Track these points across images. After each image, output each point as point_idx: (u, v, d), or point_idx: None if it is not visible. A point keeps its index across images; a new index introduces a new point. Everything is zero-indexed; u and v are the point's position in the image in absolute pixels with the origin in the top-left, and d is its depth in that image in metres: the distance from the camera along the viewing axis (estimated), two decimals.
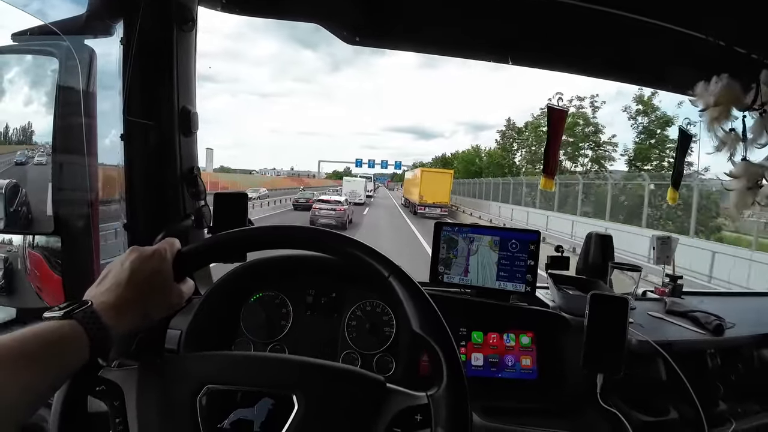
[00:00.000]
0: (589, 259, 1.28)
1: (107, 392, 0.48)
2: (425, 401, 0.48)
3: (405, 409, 0.47)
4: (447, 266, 1.10)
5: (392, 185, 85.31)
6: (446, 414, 0.46)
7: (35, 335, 0.40)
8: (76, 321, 0.43)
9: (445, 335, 0.49)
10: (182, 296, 0.55)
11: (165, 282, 0.52)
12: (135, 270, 0.49)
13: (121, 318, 0.47)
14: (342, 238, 0.55)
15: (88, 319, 0.44)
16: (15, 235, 1.04)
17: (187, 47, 1.04)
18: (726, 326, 1.04)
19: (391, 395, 0.49)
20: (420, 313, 0.51)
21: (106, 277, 0.50)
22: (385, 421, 0.47)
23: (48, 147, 0.93)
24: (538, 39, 1.21)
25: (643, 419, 0.87)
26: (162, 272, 0.51)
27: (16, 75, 1.00)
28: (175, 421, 0.47)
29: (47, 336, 0.41)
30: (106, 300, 0.47)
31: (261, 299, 0.99)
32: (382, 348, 0.95)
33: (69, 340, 0.42)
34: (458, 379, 0.48)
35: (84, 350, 0.43)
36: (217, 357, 0.54)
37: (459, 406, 0.47)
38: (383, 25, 1.18)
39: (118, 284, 0.48)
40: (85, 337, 0.43)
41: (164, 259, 0.52)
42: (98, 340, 0.44)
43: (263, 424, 0.46)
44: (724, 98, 1.10)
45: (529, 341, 1.01)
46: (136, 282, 0.49)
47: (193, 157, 1.09)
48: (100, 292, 0.48)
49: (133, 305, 0.48)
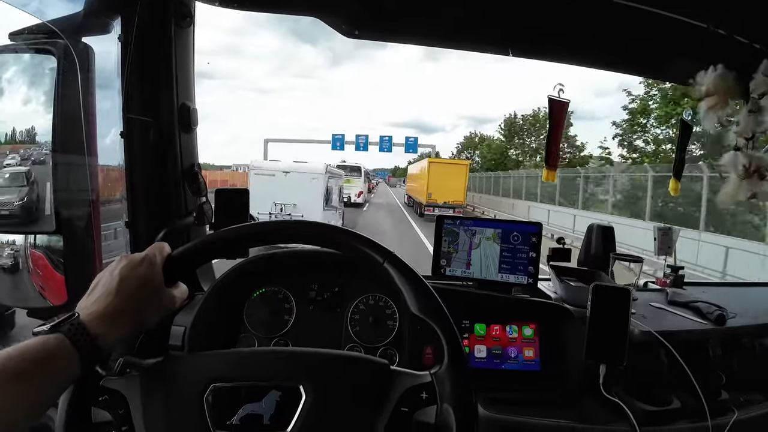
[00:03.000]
0: (591, 250, 1.28)
1: (110, 401, 0.48)
2: (429, 379, 0.49)
3: (410, 389, 0.49)
4: (449, 259, 1.10)
5: (394, 181, 77.73)
6: (450, 389, 0.48)
7: (21, 352, 0.40)
8: (62, 334, 0.43)
9: (442, 314, 0.51)
10: (174, 301, 0.55)
11: (156, 288, 0.52)
12: (124, 277, 0.49)
13: (112, 326, 0.46)
14: (335, 229, 0.56)
15: (75, 331, 0.44)
16: (17, 235, 1.05)
17: (185, 43, 1.03)
18: (728, 316, 1.04)
19: (396, 377, 0.50)
20: (417, 296, 0.52)
21: (96, 287, 0.50)
22: (392, 402, 0.48)
23: (46, 146, 0.93)
24: (538, 30, 1.21)
25: (646, 409, 0.87)
26: (152, 278, 0.51)
27: (14, 74, 1.00)
28: (183, 422, 0.47)
29: (33, 352, 0.41)
30: (96, 310, 0.47)
31: (264, 295, 0.99)
32: (385, 341, 0.95)
33: (56, 353, 0.42)
34: (459, 354, 0.49)
35: (73, 363, 0.43)
36: (221, 355, 0.55)
37: (462, 381, 0.48)
38: (382, 17, 1.17)
39: (107, 293, 0.48)
40: (73, 349, 0.43)
41: (154, 264, 0.52)
42: (87, 351, 0.44)
43: (273, 416, 0.46)
44: (719, 88, 1.10)
45: (532, 333, 1.01)
46: (126, 289, 0.49)
47: (193, 153, 1.09)
48: (89, 303, 0.48)
49: (125, 313, 0.48)
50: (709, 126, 1.17)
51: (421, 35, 1.29)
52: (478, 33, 1.23)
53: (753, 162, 1.12)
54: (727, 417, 0.91)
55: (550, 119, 1.36)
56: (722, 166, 1.19)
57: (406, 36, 1.30)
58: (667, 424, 0.88)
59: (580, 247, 1.32)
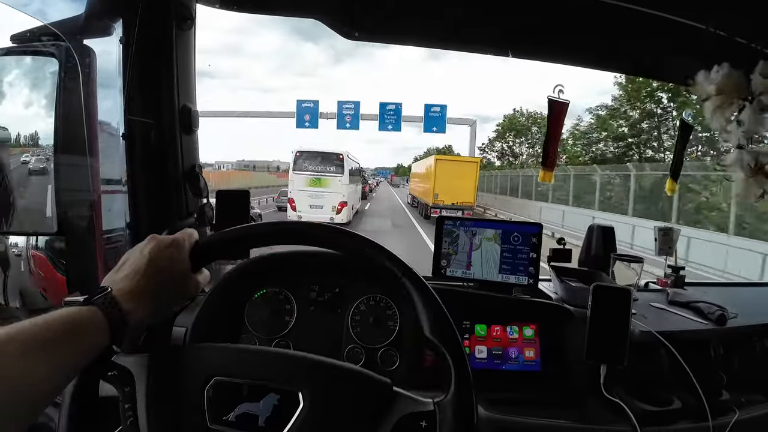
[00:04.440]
0: (591, 251, 1.29)
1: (119, 377, 0.49)
2: (431, 408, 0.47)
3: (410, 415, 0.47)
4: (449, 260, 1.11)
5: (397, 180, 72.22)
6: (452, 423, 0.46)
7: (56, 320, 0.41)
8: (96, 306, 0.44)
9: (456, 344, 0.49)
10: (198, 286, 0.56)
11: (182, 271, 0.53)
12: (153, 258, 0.50)
13: (139, 304, 0.48)
14: (357, 237, 0.56)
15: (108, 304, 0.45)
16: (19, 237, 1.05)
17: (186, 45, 1.04)
18: (729, 316, 1.04)
19: (397, 399, 0.49)
20: (433, 319, 0.51)
21: (125, 264, 0.51)
22: (389, 425, 0.47)
23: (48, 149, 0.93)
24: (539, 31, 1.21)
25: (647, 409, 0.87)
26: (180, 261, 0.52)
27: (16, 76, 1.00)
28: (182, 409, 0.48)
29: (69, 320, 0.42)
30: (124, 287, 0.48)
31: (265, 295, 0.99)
32: (386, 342, 0.95)
33: (90, 324, 0.43)
34: (466, 388, 0.48)
35: (104, 334, 0.44)
36: (227, 349, 0.55)
37: (466, 415, 0.47)
38: (382, 19, 1.17)
39: (136, 271, 0.49)
40: (105, 321, 0.44)
41: (182, 248, 0.53)
42: (117, 324, 0.45)
43: (268, 419, 0.46)
44: (727, 87, 1.09)
45: (533, 333, 1.01)
46: (154, 270, 0.50)
47: (194, 155, 1.09)
48: (119, 278, 0.49)
49: (151, 293, 0.49)
50: (716, 126, 1.16)
51: (421, 37, 1.30)
52: (478, 35, 1.23)
53: (759, 159, 1.11)
54: (728, 417, 0.91)
55: (549, 120, 1.36)
56: (729, 167, 1.17)
57: (406, 37, 1.31)
58: (668, 425, 0.88)
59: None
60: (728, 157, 1.17)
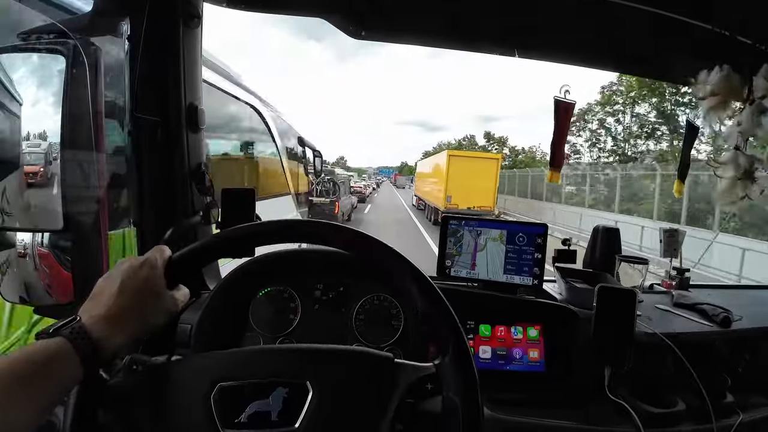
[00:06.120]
0: (596, 252, 1.28)
1: (116, 404, 0.49)
2: (433, 370, 0.50)
3: (415, 381, 0.50)
4: (454, 260, 1.11)
5: (402, 180, 67.23)
6: (455, 379, 0.48)
7: (23, 356, 0.41)
8: (63, 337, 0.43)
9: (446, 310, 0.52)
10: (177, 303, 0.55)
11: (157, 291, 0.52)
12: (125, 281, 0.50)
13: (115, 329, 0.47)
14: (339, 228, 0.56)
15: (76, 334, 0.44)
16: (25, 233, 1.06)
17: (193, 44, 1.04)
18: (733, 319, 1.04)
19: (401, 369, 0.51)
20: (423, 294, 0.52)
21: (98, 291, 0.50)
22: (397, 395, 0.49)
23: (55, 147, 0.93)
24: (544, 30, 1.21)
25: (651, 411, 0.87)
26: (153, 281, 0.52)
27: (23, 74, 1.01)
28: (190, 422, 0.48)
29: (35, 356, 0.41)
30: (98, 313, 0.47)
31: (269, 294, 0.99)
32: (390, 341, 0.96)
33: (57, 357, 0.42)
34: (462, 345, 0.50)
35: (75, 365, 0.43)
36: (226, 355, 0.55)
37: (466, 370, 0.49)
38: (388, 18, 1.17)
39: (109, 296, 0.49)
40: (74, 352, 0.43)
41: (155, 267, 0.53)
42: (88, 354, 0.44)
43: (280, 412, 0.47)
44: (722, 89, 1.09)
45: (537, 334, 1.01)
46: (128, 293, 0.49)
47: (200, 153, 1.09)
48: (91, 306, 0.48)
49: (127, 316, 0.49)
50: (710, 125, 1.17)
51: (428, 36, 1.29)
52: (485, 34, 1.23)
53: (753, 164, 1.12)
54: (732, 419, 0.91)
55: (555, 120, 1.36)
56: (721, 165, 1.18)
57: (412, 37, 1.30)
58: (671, 426, 0.88)
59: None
60: (724, 155, 1.17)
